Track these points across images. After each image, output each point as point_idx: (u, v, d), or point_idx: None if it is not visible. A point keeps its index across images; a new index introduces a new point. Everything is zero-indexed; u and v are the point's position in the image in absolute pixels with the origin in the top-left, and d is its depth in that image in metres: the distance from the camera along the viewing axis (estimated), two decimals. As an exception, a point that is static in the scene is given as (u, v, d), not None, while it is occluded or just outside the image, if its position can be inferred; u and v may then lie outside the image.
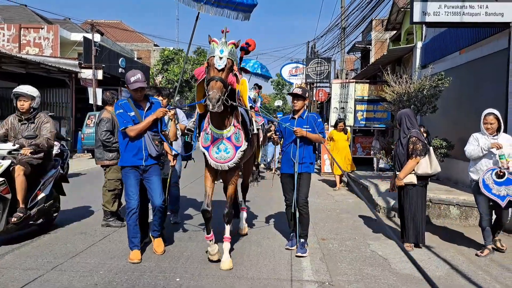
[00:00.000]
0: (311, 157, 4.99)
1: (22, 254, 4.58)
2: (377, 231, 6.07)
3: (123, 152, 4.49)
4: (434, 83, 8.17)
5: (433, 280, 3.97)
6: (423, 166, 5.21)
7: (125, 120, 4.39)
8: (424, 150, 5.19)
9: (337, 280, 4.10)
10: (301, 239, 4.89)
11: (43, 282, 3.79)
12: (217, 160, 4.31)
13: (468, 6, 6.36)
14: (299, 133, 4.76)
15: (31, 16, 26.58)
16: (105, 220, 5.84)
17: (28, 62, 15.79)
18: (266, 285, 3.91)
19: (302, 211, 4.87)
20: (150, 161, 4.48)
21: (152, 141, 4.45)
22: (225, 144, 4.28)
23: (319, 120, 5.05)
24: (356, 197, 9.16)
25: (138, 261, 4.34)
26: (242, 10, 4.65)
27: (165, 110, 4.52)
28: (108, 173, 5.83)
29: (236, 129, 4.30)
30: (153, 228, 4.74)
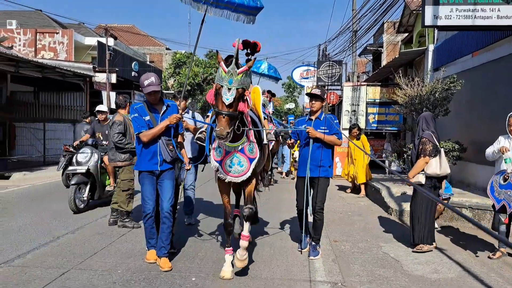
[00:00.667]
0: (330, 160, 4.87)
1: (42, 254, 4.73)
2: (389, 234, 6.10)
3: (139, 157, 4.46)
4: (446, 86, 8.17)
5: (445, 281, 4.03)
6: (432, 167, 5.23)
7: (139, 125, 4.34)
8: (434, 151, 5.22)
9: (350, 281, 4.16)
10: (313, 242, 4.89)
11: (64, 280, 3.92)
12: (231, 174, 4.12)
13: (480, 10, 6.38)
14: (312, 134, 4.67)
15: (46, 21, 27.08)
16: (121, 221, 5.98)
17: (44, 67, 16.07)
18: (279, 285, 3.99)
19: (317, 217, 4.83)
20: (165, 165, 4.42)
21: (166, 146, 4.38)
22: (238, 157, 4.08)
23: (336, 121, 4.93)
24: (368, 200, 9.20)
25: (154, 261, 4.39)
26: (243, 12, 4.52)
27: (178, 117, 4.41)
28: (121, 174, 6.02)
29: (249, 141, 4.12)
30: (160, 244, 4.37)
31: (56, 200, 8.07)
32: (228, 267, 4.12)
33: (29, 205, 7.67)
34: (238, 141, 4.01)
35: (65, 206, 7.40)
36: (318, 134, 4.71)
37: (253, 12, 4.58)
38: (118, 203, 5.98)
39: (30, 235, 5.47)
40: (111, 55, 21.21)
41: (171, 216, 4.47)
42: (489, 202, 6.77)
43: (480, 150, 8.25)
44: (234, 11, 4.47)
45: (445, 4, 6.48)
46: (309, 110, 5.03)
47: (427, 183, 5.27)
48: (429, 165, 5.21)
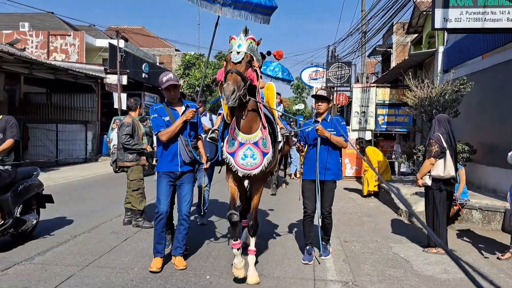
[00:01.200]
0: (338, 163, 4.80)
1: (61, 252, 4.88)
2: (399, 234, 6.17)
3: (160, 158, 4.44)
4: (456, 87, 8.20)
5: (455, 281, 4.09)
6: (437, 169, 5.28)
7: (158, 125, 4.33)
8: (440, 153, 5.25)
9: (360, 281, 4.25)
10: (323, 242, 4.89)
11: (83, 277, 4.06)
12: (243, 167, 4.05)
13: (490, 12, 6.42)
14: (320, 132, 4.55)
15: (58, 23, 27.44)
16: (135, 220, 6.12)
17: (57, 69, 16.35)
18: (291, 284, 4.09)
19: (326, 221, 4.83)
20: (185, 167, 4.40)
21: (185, 146, 4.37)
22: (252, 149, 4.03)
23: (343, 123, 4.86)
24: (377, 201, 9.25)
25: (157, 270, 4.21)
26: (260, 12, 4.54)
27: (194, 111, 4.39)
28: (130, 174, 6.16)
29: (263, 135, 4.07)
30: (176, 244, 4.44)
31: (71, 200, 8.25)
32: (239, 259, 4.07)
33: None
34: (252, 133, 4.00)
35: (80, 206, 7.59)
36: (327, 133, 4.59)
37: (269, 12, 4.60)
38: (130, 203, 6.13)
39: (48, 234, 5.63)
40: (122, 57, 21.46)
41: (189, 218, 4.48)
42: (499, 204, 6.84)
43: (490, 152, 8.31)
44: (252, 12, 4.50)
45: (455, 7, 6.53)
46: (315, 111, 4.98)
47: (433, 185, 5.34)
48: (435, 166, 5.27)
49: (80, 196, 8.86)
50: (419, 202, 7.48)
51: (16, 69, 15.42)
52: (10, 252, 4.80)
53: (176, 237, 4.47)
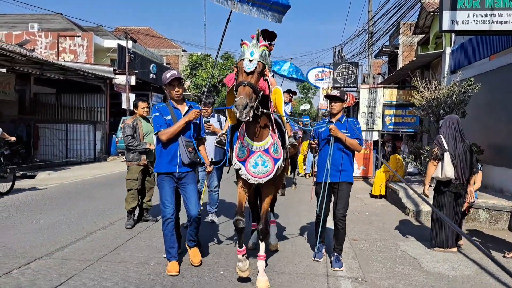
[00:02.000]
0: (351, 165, 4.67)
1: (79, 248, 5.05)
2: (407, 233, 6.27)
3: (158, 158, 4.34)
4: (463, 88, 8.29)
5: (462, 278, 4.20)
6: (437, 171, 5.37)
7: (159, 124, 4.24)
8: (440, 154, 5.32)
9: (370, 277, 4.37)
10: (335, 253, 4.64)
11: (102, 272, 4.22)
12: (255, 175, 3.97)
13: (497, 15, 6.51)
14: (334, 132, 4.44)
15: (67, 24, 27.72)
16: (144, 217, 6.41)
17: (67, 69, 16.57)
18: (302, 279, 4.21)
19: (339, 226, 4.61)
20: (184, 168, 4.28)
21: (185, 147, 4.25)
22: (263, 157, 3.93)
23: (358, 126, 4.71)
24: (385, 201, 9.35)
25: (176, 274, 4.16)
26: (276, 10, 4.44)
27: (198, 112, 4.29)
28: (127, 174, 6.26)
29: (274, 140, 3.99)
30: (189, 238, 4.48)
31: (83, 199, 8.45)
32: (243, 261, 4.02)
33: (60, 203, 8.02)
34: (263, 140, 3.91)
35: (93, 204, 7.77)
36: (340, 133, 4.48)
37: (283, 10, 4.53)
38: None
39: (65, 231, 5.80)
40: (130, 57, 21.69)
41: (200, 220, 4.44)
42: (506, 204, 6.92)
43: (497, 152, 8.38)
44: (269, 10, 4.37)
45: (462, 9, 6.63)
46: (329, 112, 4.84)
47: (440, 187, 5.44)
48: (437, 167, 5.36)
49: (91, 195, 9.04)
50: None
51: (27, 70, 15.66)
52: (30, 247, 4.97)
53: (188, 233, 4.46)
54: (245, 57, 3.66)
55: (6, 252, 4.77)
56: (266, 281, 3.92)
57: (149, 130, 6.23)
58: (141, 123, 6.25)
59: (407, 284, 4.20)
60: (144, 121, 6.30)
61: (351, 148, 4.60)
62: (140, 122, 6.25)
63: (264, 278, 3.94)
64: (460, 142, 5.39)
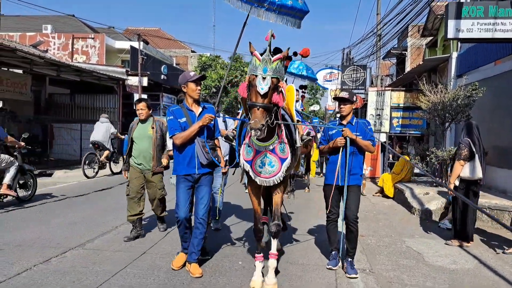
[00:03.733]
0: (361, 168, 4.64)
1: (107, 240, 5.50)
2: (412, 230, 6.62)
3: (176, 161, 4.36)
4: (468, 93, 8.59)
5: (463, 271, 4.54)
6: (466, 171, 5.80)
7: (173, 128, 4.26)
8: (468, 156, 5.74)
9: (376, 269, 4.73)
10: (349, 258, 4.56)
11: (131, 260, 4.63)
12: (261, 175, 3.95)
13: (500, 23, 6.83)
14: (346, 133, 4.36)
15: (79, 25, 28.30)
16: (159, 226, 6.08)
17: (82, 71, 17.06)
18: (315, 270, 4.58)
19: (352, 228, 4.54)
20: (203, 169, 4.31)
21: (202, 148, 4.27)
22: (269, 157, 3.91)
23: (370, 127, 4.67)
24: (392, 200, 9.67)
25: (178, 268, 4.33)
26: (299, 17, 4.48)
27: (211, 117, 4.24)
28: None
29: (280, 139, 3.94)
30: (191, 250, 4.31)
31: (103, 195, 8.89)
32: (258, 277, 4.03)
33: (81, 199, 8.46)
34: (269, 140, 3.83)
35: (113, 201, 8.19)
36: (353, 135, 4.40)
37: (303, 16, 4.56)
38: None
39: (92, 225, 6.23)
40: (143, 59, 22.18)
41: (206, 222, 4.39)
42: (507, 204, 7.23)
43: (501, 155, 8.67)
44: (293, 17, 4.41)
45: (466, 18, 6.96)
46: (339, 114, 4.79)
47: (460, 186, 5.83)
48: (464, 168, 5.77)
49: (109, 192, 9.47)
50: (431, 201, 7.93)
51: (45, 71, 16.19)
52: (63, 239, 5.41)
53: (191, 241, 4.35)
54: (257, 73, 3.50)
55: (42, 244, 5.20)
56: (275, 283, 3.93)
57: (141, 135, 5.57)
58: (137, 126, 5.68)
59: (411, 275, 4.56)
60: (141, 124, 5.65)
61: (363, 149, 4.56)
62: (136, 125, 5.70)
63: (274, 280, 3.94)
64: (481, 145, 5.88)
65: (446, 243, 5.84)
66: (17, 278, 4.07)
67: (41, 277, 4.12)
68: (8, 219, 6.52)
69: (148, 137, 5.55)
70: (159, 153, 5.63)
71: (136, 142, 5.57)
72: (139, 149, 5.56)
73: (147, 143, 5.55)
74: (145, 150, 5.56)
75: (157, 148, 5.59)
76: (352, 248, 4.58)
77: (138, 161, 5.59)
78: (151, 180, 5.64)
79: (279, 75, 3.59)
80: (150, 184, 5.67)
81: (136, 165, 5.60)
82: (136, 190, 5.58)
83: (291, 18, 4.47)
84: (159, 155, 5.62)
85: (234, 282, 4.16)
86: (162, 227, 6.02)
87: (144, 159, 5.57)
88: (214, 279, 4.21)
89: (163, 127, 5.66)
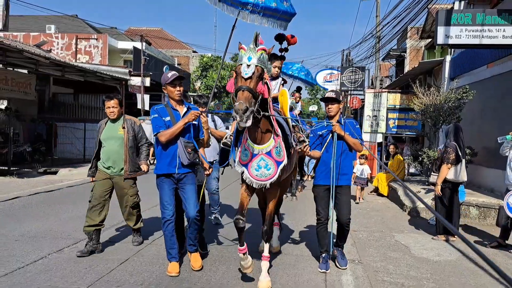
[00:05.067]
0: (351, 168, 4.69)
1: (114, 232, 5.89)
2: (402, 226, 6.99)
3: (158, 159, 4.34)
4: (459, 95, 8.95)
5: (445, 262, 4.90)
6: (451, 173, 6.16)
7: (158, 125, 4.23)
8: (456, 160, 6.11)
9: (365, 259, 5.10)
10: (339, 248, 4.80)
11: (138, 251, 5.01)
12: (258, 178, 3.99)
13: (487, 30, 7.19)
14: (338, 129, 4.41)
15: (82, 25, 28.67)
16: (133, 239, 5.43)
17: (86, 71, 17.43)
18: (308, 260, 4.95)
19: (346, 228, 4.67)
20: (183, 169, 4.30)
21: (184, 148, 4.25)
22: (265, 160, 3.95)
23: (357, 127, 4.72)
24: (385, 199, 10.03)
25: (176, 274, 4.26)
26: (284, 19, 4.60)
27: (196, 113, 4.27)
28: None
29: (276, 143, 3.98)
30: (189, 242, 4.48)
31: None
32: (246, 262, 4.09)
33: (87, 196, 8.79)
34: (265, 143, 3.93)
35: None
36: (343, 131, 4.47)
37: (289, 18, 4.69)
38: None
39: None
40: (146, 60, 22.56)
41: (199, 221, 4.43)
42: (494, 202, 7.59)
43: (489, 155, 9.03)
44: (278, 19, 4.53)
45: (455, 25, 7.31)
46: (327, 115, 4.76)
47: (443, 185, 6.19)
48: (450, 171, 6.13)
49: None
50: (423, 199, 8.27)
51: (50, 72, 16.56)
52: (73, 231, 5.82)
53: (188, 236, 4.48)
54: (242, 62, 3.63)
55: (53, 235, 5.57)
56: (268, 281, 4.02)
57: (110, 136, 5.06)
58: (105, 126, 5.14)
59: (397, 265, 4.93)
60: (110, 124, 5.12)
61: (353, 147, 4.59)
62: (104, 125, 5.15)
63: (266, 279, 4.04)
64: (464, 149, 6.31)
65: (433, 238, 6.22)
66: (33, 265, 4.45)
67: (56, 264, 4.50)
68: (19, 214, 6.90)
69: (118, 138, 5.03)
70: (132, 156, 5.10)
71: (105, 144, 5.04)
72: (108, 152, 5.01)
73: (117, 145, 5.02)
74: (115, 153, 5.01)
75: (130, 150, 5.06)
76: (342, 242, 4.81)
77: (107, 165, 5.02)
78: (121, 185, 5.08)
79: (264, 66, 3.69)
80: (121, 191, 5.10)
81: (104, 169, 5.03)
82: (100, 197, 4.96)
83: (276, 20, 4.59)
84: (132, 158, 5.09)
85: (233, 269, 4.52)
86: (136, 241, 5.30)
87: (114, 163, 5.02)
88: (214, 267, 4.58)
89: (135, 127, 5.17)
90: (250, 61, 3.59)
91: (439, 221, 6.26)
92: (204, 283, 4.14)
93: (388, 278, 4.51)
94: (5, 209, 7.27)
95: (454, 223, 6.16)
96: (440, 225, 6.27)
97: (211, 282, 4.17)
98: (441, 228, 6.26)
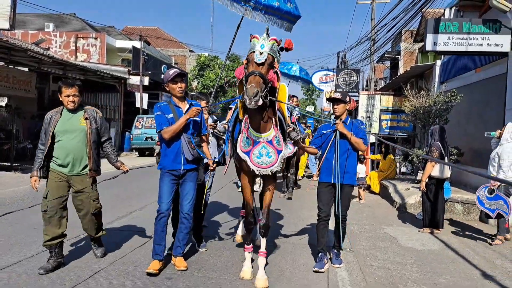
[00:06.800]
0: (355, 166, 4.82)
1: (125, 222, 6.35)
2: (391, 220, 7.48)
3: (163, 156, 4.39)
4: (447, 99, 9.47)
5: (429, 251, 5.39)
6: (436, 171, 6.65)
7: (161, 123, 4.28)
8: (439, 158, 6.57)
9: (356, 248, 5.58)
10: (334, 250, 4.88)
11: (149, 243, 5.44)
12: (259, 165, 4.08)
13: (472, 38, 7.70)
14: (340, 127, 4.54)
15: (80, 24, 28.89)
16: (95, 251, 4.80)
17: (87, 70, 17.80)
18: (304, 248, 5.42)
19: (342, 225, 4.78)
20: (188, 165, 4.36)
21: (188, 144, 4.31)
22: (267, 148, 4.05)
23: (362, 127, 4.84)
24: (377, 196, 10.53)
25: (154, 272, 4.16)
26: (287, 19, 4.70)
27: (198, 109, 4.32)
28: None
29: (276, 132, 4.09)
30: (176, 244, 4.42)
31: (115, 186, 9.63)
32: (248, 268, 4.24)
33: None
34: (266, 131, 4.03)
35: (122, 191, 8.99)
36: (345, 130, 4.57)
37: (294, 20, 4.80)
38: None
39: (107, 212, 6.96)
40: (144, 59, 22.94)
41: (191, 217, 4.43)
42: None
43: (475, 155, 9.56)
44: (280, 18, 4.65)
45: (443, 33, 7.82)
46: (333, 115, 4.90)
47: (430, 182, 6.67)
48: (434, 168, 6.60)
49: (120, 183, 10.21)
50: (411, 195, 8.79)
51: (51, 70, 16.93)
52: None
53: (177, 236, 4.48)
54: (255, 49, 3.78)
55: (68, 224, 5.97)
56: (265, 280, 4.06)
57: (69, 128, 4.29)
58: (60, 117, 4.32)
59: (384, 253, 5.42)
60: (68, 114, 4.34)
61: (356, 147, 4.65)
62: (59, 115, 4.33)
63: (264, 277, 4.08)
64: (448, 149, 6.81)
65: (419, 231, 6.71)
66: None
67: (74, 248, 4.93)
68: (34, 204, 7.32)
69: (80, 130, 4.31)
70: (95, 152, 4.45)
71: (61, 139, 4.26)
72: (67, 148, 4.26)
73: (78, 139, 4.30)
74: (76, 149, 4.30)
75: (93, 146, 4.41)
76: (339, 242, 4.85)
77: (64, 163, 4.27)
78: (81, 189, 4.38)
79: (274, 54, 3.86)
80: (80, 194, 4.40)
81: (60, 169, 4.29)
82: (58, 204, 4.23)
83: (278, 20, 4.72)
84: (94, 155, 4.43)
85: (236, 254, 4.97)
86: (99, 252, 4.70)
87: (74, 161, 4.31)
88: (219, 252, 5.04)
89: (98, 118, 4.50)
90: (263, 48, 3.77)
91: (426, 215, 6.75)
92: (211, 265, 4.60)
93: (376, 263, 5.00)
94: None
95: (439, 216, 6.66)
96: (427, 220, 6.75)
97: (217, 265, 4.63)
98: (427, 222, 6.74)
